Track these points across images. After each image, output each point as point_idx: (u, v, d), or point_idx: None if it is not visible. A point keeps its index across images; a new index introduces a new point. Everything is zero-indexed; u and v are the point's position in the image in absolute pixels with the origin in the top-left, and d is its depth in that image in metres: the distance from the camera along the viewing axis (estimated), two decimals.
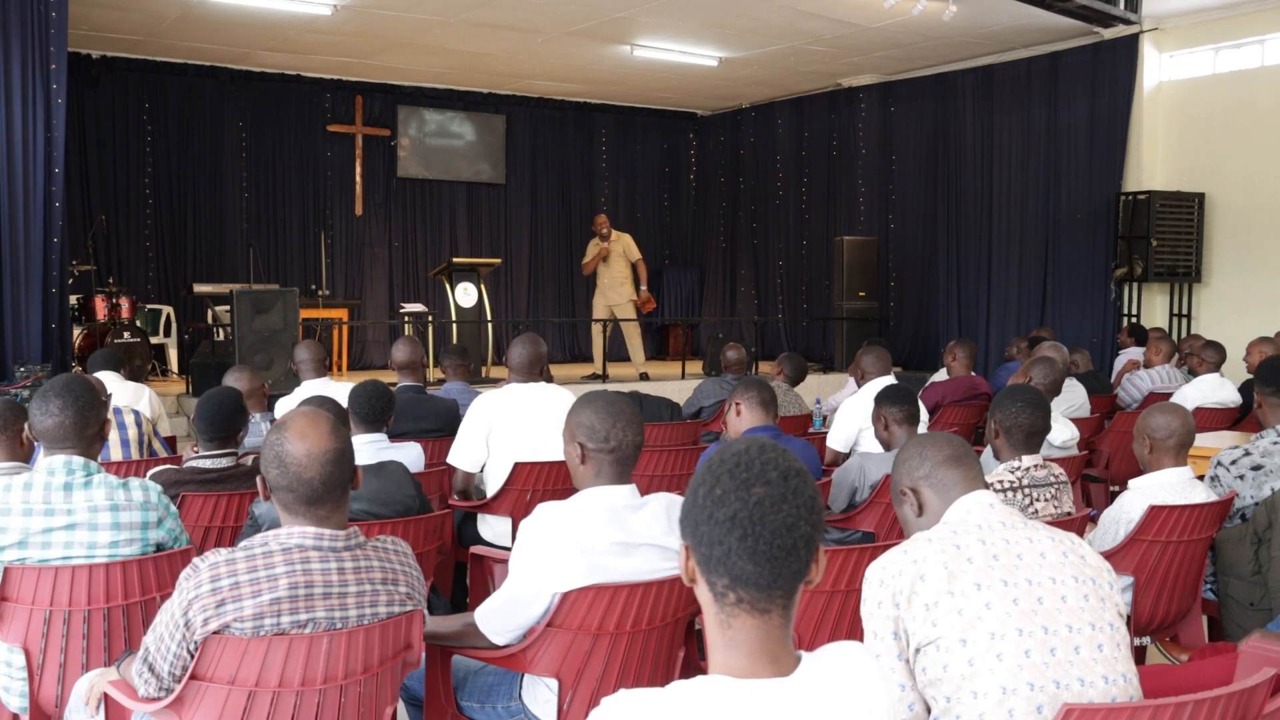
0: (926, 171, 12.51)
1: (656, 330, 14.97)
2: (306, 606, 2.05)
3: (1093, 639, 1.98)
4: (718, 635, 1.38)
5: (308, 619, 2.06)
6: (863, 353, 5.56)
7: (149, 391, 5.81)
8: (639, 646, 2.55)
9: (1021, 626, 1.94)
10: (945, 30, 10.32)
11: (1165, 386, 6.95)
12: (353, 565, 2.12)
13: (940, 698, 1.95)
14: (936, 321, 12.39)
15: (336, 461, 2.11)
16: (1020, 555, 2.02)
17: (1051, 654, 1.94)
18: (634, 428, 2.57)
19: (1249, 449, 3.77)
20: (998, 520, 2.10)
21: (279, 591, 2.03)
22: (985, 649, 1.92)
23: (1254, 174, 9.98)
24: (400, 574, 2.22)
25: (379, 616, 2.15)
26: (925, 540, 2.05)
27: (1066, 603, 1.99)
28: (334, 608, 2.08)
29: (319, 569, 2.07)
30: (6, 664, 2.68)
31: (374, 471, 3.26)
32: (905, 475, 2.28)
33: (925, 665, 1.96)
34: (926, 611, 1.95)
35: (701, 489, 1.39)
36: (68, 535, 2.67)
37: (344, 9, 9.66)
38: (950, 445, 2.27)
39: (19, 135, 7.43)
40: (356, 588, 2.11)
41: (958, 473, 2.21)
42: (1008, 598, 1.95)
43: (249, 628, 2.02)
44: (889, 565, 2.02)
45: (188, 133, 12.00)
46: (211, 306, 10.39)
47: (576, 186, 14.60)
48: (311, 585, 2.06)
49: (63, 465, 2.73)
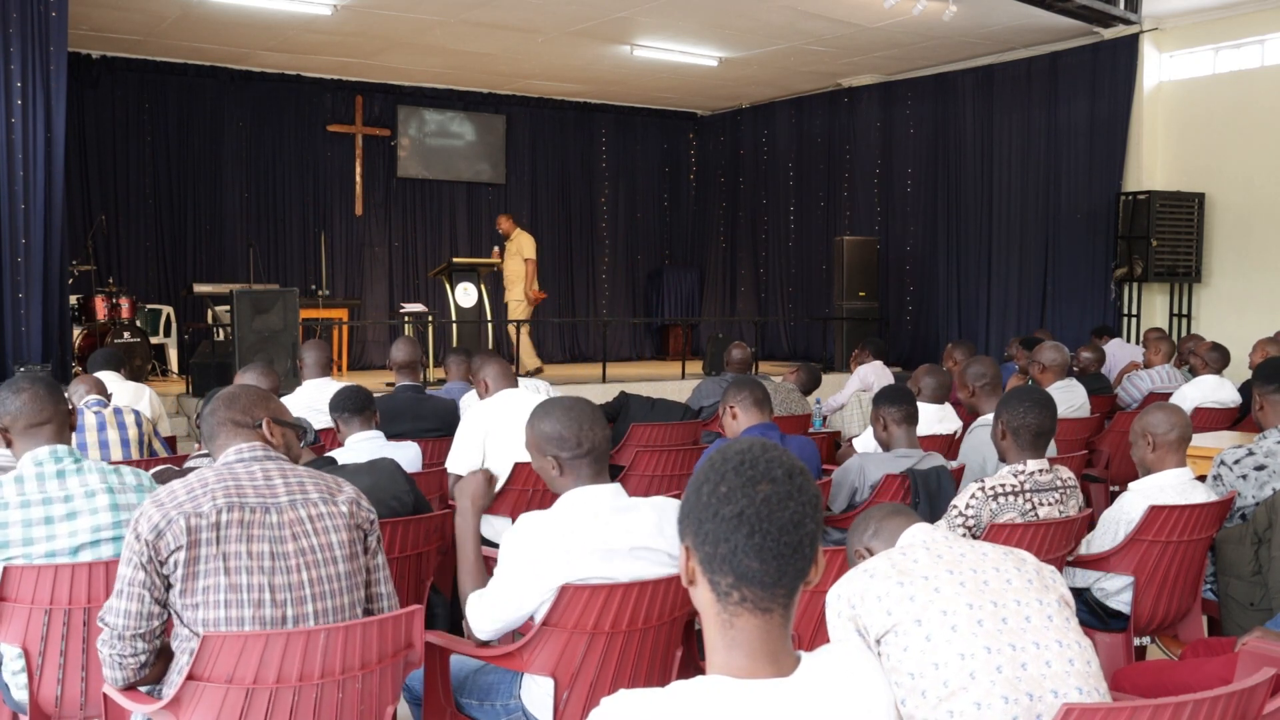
0: (926, 171, 12.51)
1: (656, 330, 14.99)
2: (237, 493, 2.25)
3: (1041, 611, 2.03)
4: (718, 636, 1.37)
5: (239, 501, 2.24)
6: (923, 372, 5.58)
7: (149, 391, 5.82)
8: (635, 646, 2.55)
9: (971, 601, 2.00)
10: (945, 30, 10.32)
11: (1165, 386, 6.95)
12: (276, 466, 2.36)
13: (904, 677, 1.98)
14: (936, 321, 12.39)
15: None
16: (963, 554, 2.10)
17: (1003, 622, 1.99)
18: (599, 424, 2.60)
19: (1252, 449, 3.76)
20: (940, 537, 2.22)
21: (210, 485, 2.26)
22: (939, 624, 1.97)
23: (1254, 174, 9.98)
24: (329, 478, 2.43)
25: (311, 500, 2.31)
26: (873, 556, 2.19)
27: (1011, 584, 2.05)
28: (263, 494, 2.28)
29: (243, 470, 2.32)
30: (7, 663, 2.68)
31: (365, 469, 3.26)
32: (856, 540, 2.48)
33: (888, 652, 2.01)
34: (879, 602, 2.01)
35: (705, 487, 1.38)
36: (70, 524, 2.66)
37: (344, 9, 9.66)
38: (890, 506, 2.52)
39: (19, 135, 7.43)
40: (282, 480, 2.33)
41: (898, 520, 2.39)
42: (954, 581, 2.03)
43: (187, 510, 2.19)
44: (843, 580, 2.12)
45: (188, 133, 12.00)
46: (211, 306, 10.39)
47: (576, 186, 14.60)
48: (238, 479, 2.29)
49: (49, 454, 2.72)
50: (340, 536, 2.31)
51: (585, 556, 2.44)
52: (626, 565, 2.48)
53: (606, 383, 10.26)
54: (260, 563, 2.19)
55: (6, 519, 2.63)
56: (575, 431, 2.55)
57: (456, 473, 4.36)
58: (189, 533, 2.16)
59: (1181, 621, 3.53)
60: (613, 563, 2.47)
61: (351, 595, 2.31)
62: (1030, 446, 3.32)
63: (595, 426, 2.58)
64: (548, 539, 2.47)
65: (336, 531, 2.31)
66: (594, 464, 2.57)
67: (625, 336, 14.77)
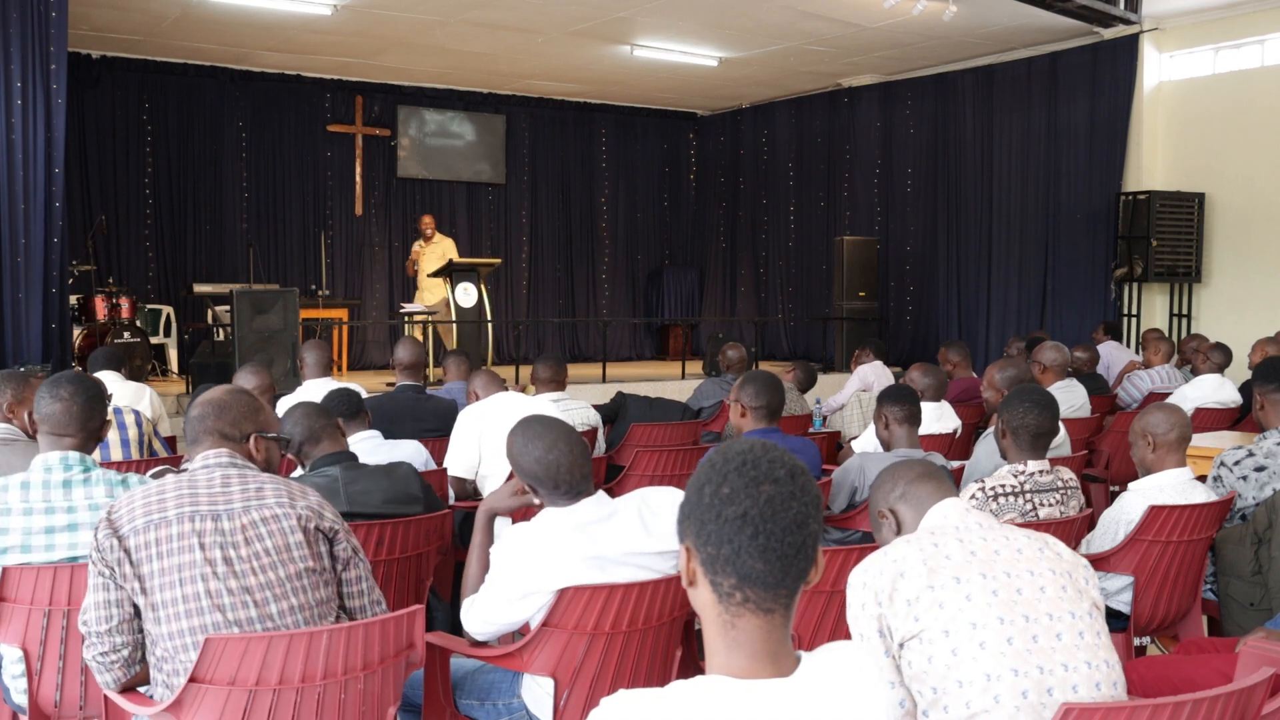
0: (926, 171, 12.51)
1: (656, 330, 14.98)
2: (191, 500, 2.27)
3: (1073, 626, 2.01)
4: (719, 636, 1.37)
5: (192, 510, 2.26)
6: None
7: (150, 391, 5.81)
8: (635, 646, 2.55)
9: (1003, 615, 1.97)
10: (945, 30, 10.32)
11: (1165, 386, 6.95)
12: (236, 473, 2.37)
13: (926, 690, 1.97)
14: (936, 321, 12.40)
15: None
16: (998, 551, 2.07)
17: (1034, 640, 1.97)
18: (577, 458, 2.56)
19: (1252, 450, 3.76)
20: (974, 522, 2.17)
21: (166, 494, 2.28)
22: (968, 638, 1.95)
23: (1254, 174, 9.98)
24: (296, 485, 2.41)
25: (266, 504, 2.31)
26: (904, 542, 2.11)
27: (1045, 593, 2.03)
28: (216, 500, 2.29)
29: (204, 479, 2.34)
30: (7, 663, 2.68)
31: (384, 473, 3.29)
32: (881, 499, 2.38)
33: (910, 659, 1.99)
34: (908, 607, 1.98)
35: (707, 488, 1.38)
36: (71, 536, 2.66)
37: (344, 9, 9.66)
38: (920, 465, 2.38)
39: (19, 135, 7.42)
40: (240, 486, 2.34)
41: (929, 486, 2.30)
42: (987, 589, 2.00)
43: (140, 524, 2.22)
44: (869, 567, 2.06)
45: (188, 133, 12.00)
46: (211, 306, 10.39)
47: (576, 186, 14.60)
48: (195, 487, 2.31)
49: (59, 461, 2.71)
50: (297, 537, 2.31)
51: (576, 566, 2.45)
52: (619, 571, 2.49)
53: (606, 383, 10.26)
54: (215, 569, 2.21)
55: (8, 525, 2.64)
56: (552, 474, 2.55)
57: (456, 474, 4.40)
58: (143, 548, 2.21)
59: (1181, 621, 3.53)
60: (605, 570, 2.48)
61: (320, 592, 2.33)
62: (1030, 447, 3.32)
63: (573, 464, 2.55)
64: (537, 550, 2.48)
65: (294, 533, 2.31)
66: (571, 493, 2.57)
67: (625, 336, 14.77)
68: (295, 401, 5.25)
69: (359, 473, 3.22)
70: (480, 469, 4.45)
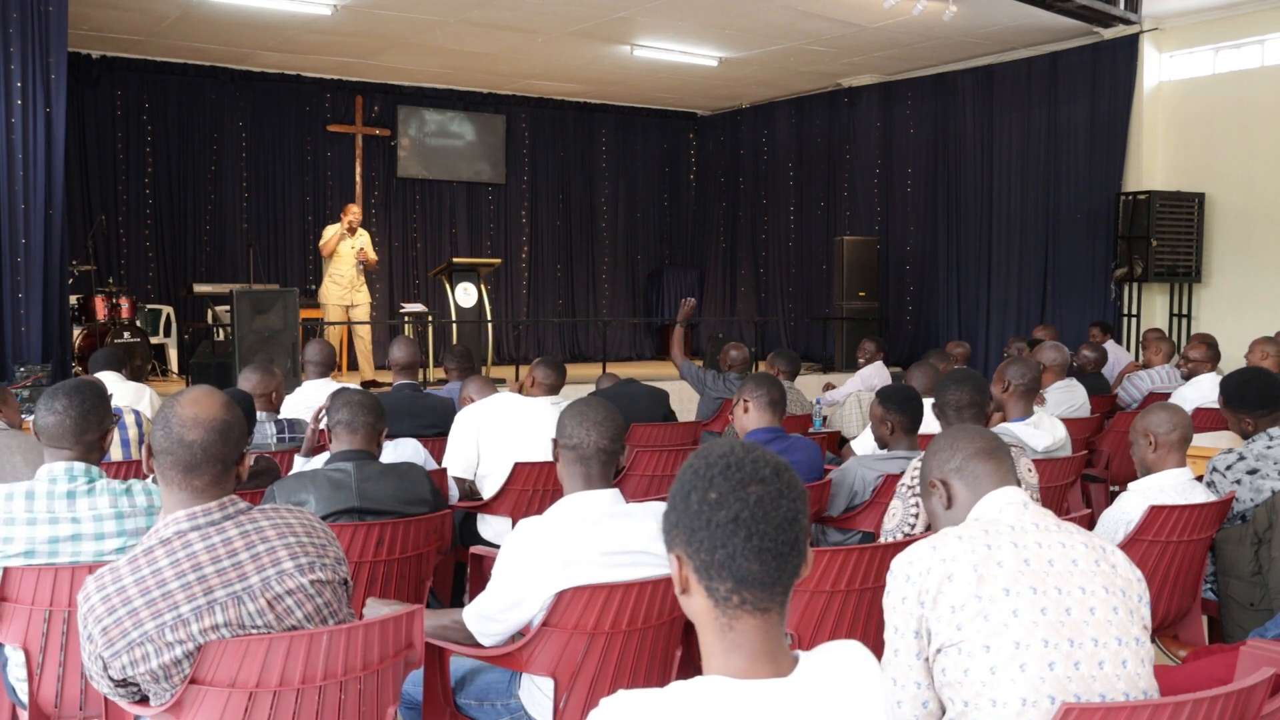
0: (926, 171, 12.51)
1: (656, 330, 14.98)
2: (203, 590, 1.99)
3: (1118, 654, 1.93)
4: (717, 640, 1.37)
5: (206, 602, 2.00)
6: None
7: (150, 392, 5.81)
8: (635, 646, 2.55)
9: (1047, 638, 1.89)
10: (945, 30, 10.32)
11: (1165, 387, 6.95)
12: (238, 532, 2.06)
13: (958, 700, 1.92)
14: (936, 321, 12.39)
15: (221, 432, 2.07)
16: (1051, 561, 1.97)
17: (1075, 668, 1.89)
18: (609, 431, 2.61)
19: (1243, 453, 3.74)
20: (1031, 521, 2.05)
21: (169, 585, 1.98)
22: (1009, 657, 1.87)
23: (1254, 174, 9.98)
24: (300, 527, 2.15)
25: (286, 573, 2.07)
26: (955, 538, 2.00)
27: (1095, 615, 1.94)
28: (231, 581, 2.01)
29: (202, 548, 2.02)
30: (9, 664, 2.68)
31: (393, 472, 3.31)
32: (936, 467, 2.24)
33: (945, 666, 1.93)
34: (952, 614, 1.91)
35: (694, 495, 1.37)
36: (74, 546, 2.66)
37: (344, 9, 9.66)
38: (983, 438, 2.23)
39: (19, 135, 7.43)
40: (249, 552, 2.05)
41: (989, 465, 2.17)
42: (1036, 606, 1.90)
43: (153, 647, 1.98)
44: (917, 561, 1.97)
45: (188, 133, 12.00)
46: (211, 306, 10.39)
47: (576, 186, 14.60)
48: (200, 567, 2.00)
49: (64, 472, 2.71)
50: (325, 598, 2.14)
51: (583, 563, 2.45)
52: (625, 571, 2.49)
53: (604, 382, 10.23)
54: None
55: (12, 534, 2.64)
56: (582, 435, 2.60)
57: (456, 474, 4.40)
58: (161, 668, 1.99)
59: (1181, 621, 3.53)
60: (611, 568, 2.47)
61: (344, 612, 2.22)
62: (958, 421, 3.62)
63: (604, 433, 2.61)
64: (546, 545, 2.48)
65: (319, 595, 2.12)
66: (598, 467, 2.60)
67: (625, 336, 14.78)
68: (296, 400, 5.28)
69: (372, 470, 3.24)
70: (479, 468, 4.47)
